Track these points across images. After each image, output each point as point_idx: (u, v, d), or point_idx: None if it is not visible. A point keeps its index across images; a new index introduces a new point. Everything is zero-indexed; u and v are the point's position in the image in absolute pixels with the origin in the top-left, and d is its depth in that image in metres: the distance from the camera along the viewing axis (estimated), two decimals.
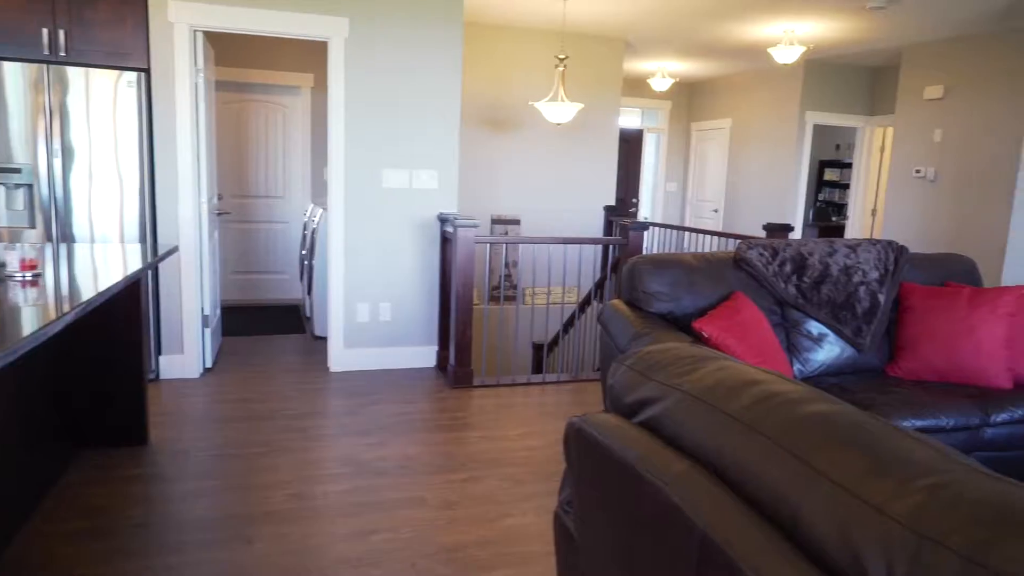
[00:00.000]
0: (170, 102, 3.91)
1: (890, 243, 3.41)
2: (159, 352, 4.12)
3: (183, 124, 3.94)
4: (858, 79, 8.03)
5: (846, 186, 9.15)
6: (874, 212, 8.44)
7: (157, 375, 4.11)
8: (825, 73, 7.87)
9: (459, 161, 6.45)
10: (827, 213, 9.76)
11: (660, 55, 7.79)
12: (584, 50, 6.80)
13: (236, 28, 3.94)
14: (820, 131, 9.69)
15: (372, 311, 4.43)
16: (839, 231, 9.14)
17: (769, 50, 6.31)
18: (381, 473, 2.99)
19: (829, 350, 3.18)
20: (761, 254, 3.20)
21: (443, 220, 4.40)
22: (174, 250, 3.07)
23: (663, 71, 8.62)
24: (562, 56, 5.25)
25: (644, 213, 10.26)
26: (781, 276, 3.18)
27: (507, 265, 6.69)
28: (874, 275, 3.27)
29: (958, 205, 6.42)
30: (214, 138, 4.54)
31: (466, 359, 4.21)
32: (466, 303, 4.15)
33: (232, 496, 2.73)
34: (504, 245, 6.39)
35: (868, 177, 8.29)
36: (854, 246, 3.34)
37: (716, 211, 9.28)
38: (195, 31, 3.95)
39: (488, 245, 4.90)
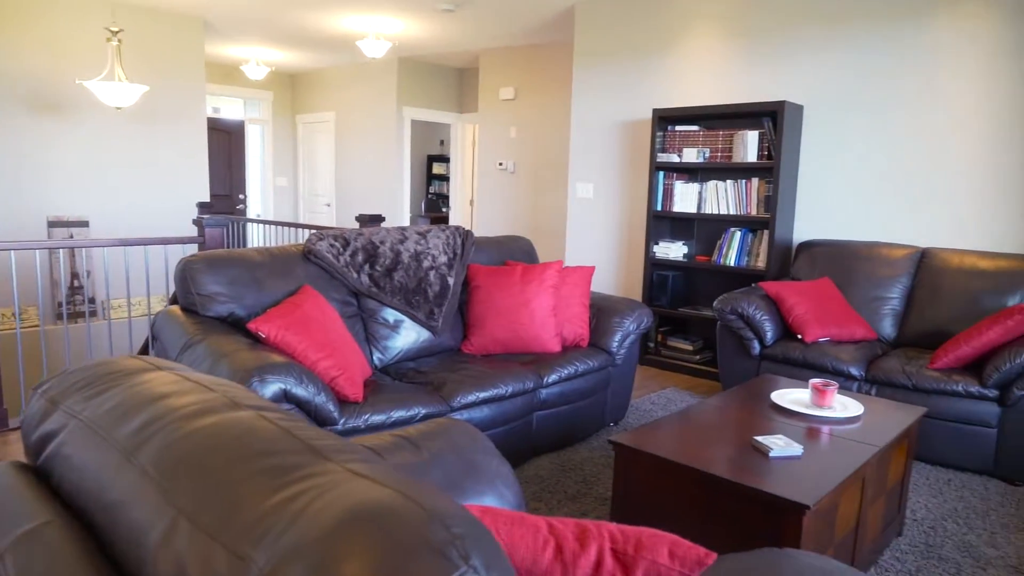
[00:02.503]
0: None
1: (457, 228, 3.60)
2: None
3: None
4: (447, 78, 8.61)
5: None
6: (472, 202, 9.19)
7: None
8: (418, 71, 8.26)
9: None
10: (437, 205, 10.36)
11: (249, 40, 7.32)
12: (154, 27, 6.02)
13: None
14: (424, 127, 10.22)
15: None
16: (445, 221, 9.77)
17: (358, 43, 6.35)
18: None
19: (406, 335, 3.23)
20: (332, 245, 3.10)
21: None
22: None
23: (257, 59, 8.16)
24: (115, 29, 4.52)
25: (256, 210, 9.68)
26: (353, 266, 3.12)
27: (75, 276, 5.63)
28: (443, 259, 3.42)
29: (533, 192, 7.29)
30: None
31: None
32: None
33: None
34: (61, 252, 5.36)
35: (464, 170, 8.98)
36: (424, 232, 3.44)
37: (329, 205, 9.17)
38: None
39: (36, 252, 4.00)
